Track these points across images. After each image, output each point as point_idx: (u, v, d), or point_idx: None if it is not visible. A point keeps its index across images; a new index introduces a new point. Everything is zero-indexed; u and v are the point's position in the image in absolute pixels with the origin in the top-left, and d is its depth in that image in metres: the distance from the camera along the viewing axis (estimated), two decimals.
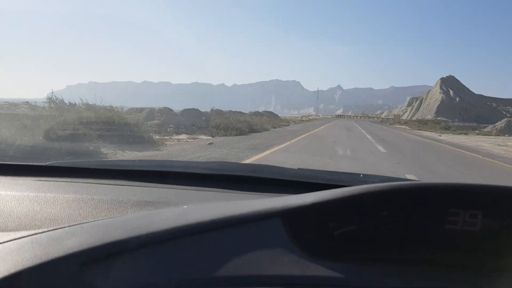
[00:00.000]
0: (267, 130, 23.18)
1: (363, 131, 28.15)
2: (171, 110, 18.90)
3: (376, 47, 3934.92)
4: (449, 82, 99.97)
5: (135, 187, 1.15)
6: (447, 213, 0.72)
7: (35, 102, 12.27)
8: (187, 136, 14.64)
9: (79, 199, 0.97)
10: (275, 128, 26.93)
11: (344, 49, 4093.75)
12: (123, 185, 1.16)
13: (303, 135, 18.91)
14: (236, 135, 17.02)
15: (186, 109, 20.76)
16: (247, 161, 8.22)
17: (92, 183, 1.18)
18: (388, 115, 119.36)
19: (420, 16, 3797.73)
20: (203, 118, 19.47)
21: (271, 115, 41.22)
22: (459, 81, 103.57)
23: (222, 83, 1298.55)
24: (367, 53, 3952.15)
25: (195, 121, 17.99)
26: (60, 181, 1.19)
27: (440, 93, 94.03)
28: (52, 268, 0.53)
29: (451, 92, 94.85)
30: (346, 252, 0.72)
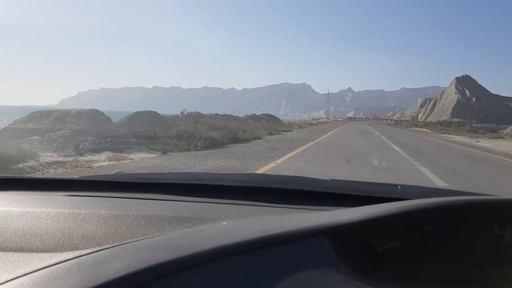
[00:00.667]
0: (259, 138, 17.77)
1: (382, 137, 22.45)
2: (101, 113, 13.06)
3: (386, 48, 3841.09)
4: (464, 82, 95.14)
5: (168, 201, 1.14)
6: (494, 227, 0.70)
7: None
8: (109, 155, 9.07)
9: (114, 215, 0.95)
10: (272, 135, 21.45)
11: (354, 51, 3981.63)
12: (156, 200, 1.16)
13: (303, 147, 13.32)
14: (204, 148, 11.70)
15: (139, 112, 14.93)
16: None
17: (125, 197, 1.17)
18: (401, 117, 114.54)
19: (430, 16, 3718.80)
20: (164, 125, 13.88)
21: (271, 118, 35.66)
22: (475, 81, 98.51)
23: (232, 87, 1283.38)
24: (378, 55, 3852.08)
25: (146, 130, 12.38)
26: (92, 196, 1.17)
27: (455, 93, 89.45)
28: None
29: (467, 92, 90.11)
30: (390, 269, 0.70)
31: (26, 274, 0.56)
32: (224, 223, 0.84)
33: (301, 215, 0.90)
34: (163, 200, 1.14)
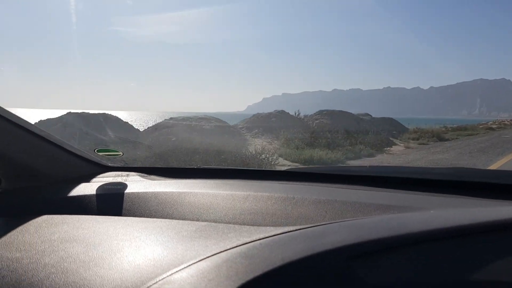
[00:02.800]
0: None
1: None
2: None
3: None
4: None
5: (372, 192, 1.16)
6: None
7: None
8: None
9: (323, 200, 1.02)
10: None
11: None
12: (360, 190, 1.18)
13: None
14: None
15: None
16: None
17: (329, 187, 1.24)
18: None
19: None
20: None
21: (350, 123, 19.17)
22: None
23: (417, 86, 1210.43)
24: None
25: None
26: (299, 185, 1.26)
27: None
28: (322, 259, 0.58)
29: None
30: None
31: (260, 239, 0.66)
32: (432, 211, 0.87)
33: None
34: (366, 190, 1.17)
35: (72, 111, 15.03)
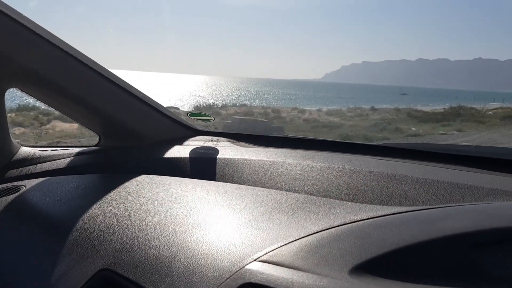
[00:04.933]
0: None
1: None
2: None
3: None
4: None
5: (481, 174, 1.06)
6: None
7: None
8: None
9: (428, 180, 0.95)
10: None
11: None
12: (466, 171, 1.08)
13: None
14: None
15: None
16: None
17: (431, 165, 1.14)
18: None
19: None
20: None
21: None
22: None
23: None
24: None
25: None
26: (398, 162, 1.19)
27: None
28: (442, 246, 0.54)
29: None
30: None
31: (369, 218, 0.62)
32: None
33: None
34: (475, 172, 1.05)
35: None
